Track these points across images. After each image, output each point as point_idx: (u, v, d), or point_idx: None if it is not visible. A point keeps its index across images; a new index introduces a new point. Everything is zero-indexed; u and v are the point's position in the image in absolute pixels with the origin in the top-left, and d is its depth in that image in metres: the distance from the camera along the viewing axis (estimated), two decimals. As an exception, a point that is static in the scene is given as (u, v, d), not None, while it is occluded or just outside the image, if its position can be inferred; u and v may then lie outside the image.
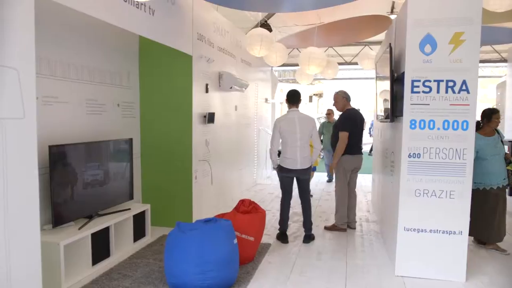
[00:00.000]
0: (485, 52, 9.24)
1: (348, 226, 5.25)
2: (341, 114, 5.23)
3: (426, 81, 3.57)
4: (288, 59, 9.85)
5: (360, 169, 5.33)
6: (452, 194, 3.60)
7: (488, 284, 3.67)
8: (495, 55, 9.33)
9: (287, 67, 10.81)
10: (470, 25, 3.49)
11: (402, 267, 3.78)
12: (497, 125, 4.49)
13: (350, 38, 8.13)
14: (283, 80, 18.05)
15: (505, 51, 9.01)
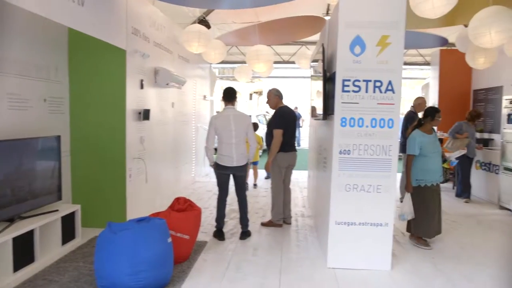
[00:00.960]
0: (412, 55, 9.87)
1: (284, 222, 5.37)
2: (274, 112, 5.32)
3: (356, 81, 3.74)
4: (227, 57, 9.87)
5: (296, 166, 5.46)
6: (379, 188, 3.81)
7: (411, 271, 3.93)
8: (420, 59, 9.99)
9: (227, 64, 10.79)
10: (396, 29, 3.70)
11: (334, 259, 3.93)
12: (438, 123, 4.69)
13: (287, 38, 8.30)
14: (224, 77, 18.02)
15: (429, 55, 9.69)
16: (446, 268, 3.98)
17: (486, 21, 4.53)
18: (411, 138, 4.53)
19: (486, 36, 4.56)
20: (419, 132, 4.56)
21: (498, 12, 4.49)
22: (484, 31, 4.54)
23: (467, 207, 6.66)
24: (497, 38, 4.51)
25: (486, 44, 4.68)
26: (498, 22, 4.45)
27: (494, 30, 4.50)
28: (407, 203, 4.49)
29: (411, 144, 4.50)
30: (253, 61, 6.78)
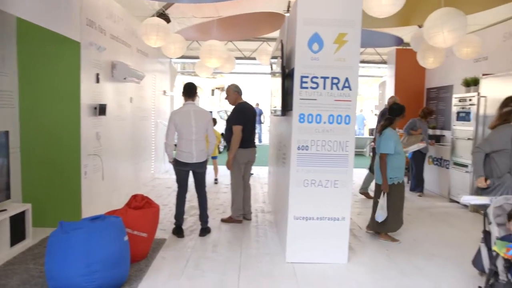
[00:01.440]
0: (369, 54, 10.13)
1: (244, 218, 5.38)
2: (233, 108, 5.30)
3: (314, 78, 3.78)
4: (188, 52, 9.71)
5: (258, 162, 5.48)
6: (336, 183, 3.89)
7: (367, 263, 4.05)
8: (377, 57, 10.27)
9: (188, 59, 10.64)
10: (352, 27, 3.78)
11: (292, 254, 3.98)
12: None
13: (248, 34, 8.28)
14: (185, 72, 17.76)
15: (385, 54, 9.98)
16: (400, 260, 4.13)
17: (439, 21, 4.70)
18: (388, 137, 4.53)
19: (440, 36, 4.73)
20: (393, 131, 4.63)
21: (450, 13, 4.67)
22: (438, 31, 4.71)
23: (420, 201, 6.94)
24: (449, 38, 4.69)
25: (440, 44, 4.85)
26: (450, 22, 4.62)
27: (446, 30, 4.67)
28: (385, 203, 4.54)
29: (388, 143, 4.50)
30: (205, 56, 6.71)
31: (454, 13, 4.67)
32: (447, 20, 4.66)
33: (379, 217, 4.56)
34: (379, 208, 4.55)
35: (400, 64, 9.05)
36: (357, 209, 6.25)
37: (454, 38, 4.75)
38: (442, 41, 4.76)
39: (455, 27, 4.64)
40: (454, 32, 4.67)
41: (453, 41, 4.82)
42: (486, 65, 6.78)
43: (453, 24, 4.64)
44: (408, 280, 3.66)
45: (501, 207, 3.06)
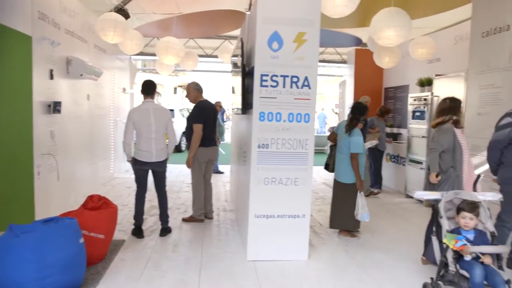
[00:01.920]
0: (330, 53, 10.32)
1: (206, 217, 5.34)
2: (194, 106, 5.24)
3: (273, 76, 3.80)
4: (148, 49, 9.53)
5: (222, 160, 5.44)
6: (296, 181, 3.92)
7: (327, 260, 4.12)
8: (338, 57, 10.49)
9: (148, 56, 10.42)
10: (311, 27, 3.82)
11: (253, 252, 3.98)
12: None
13: (209, 31, 8.22)
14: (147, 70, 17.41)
15: (345, 53, 10.20)
16: (358, 255, 4.23)
17: (384, 21, 4.80)
18: (360, 137, 4.62)
19: (385, 34, 4.83)
20: (359, 131, 4.72)
21: (395, 12, 4.78)
22: (383, 29, 4.81)
23: (378, 197, 7.14)
24: (394, 36, 4.80)
25: (386, 42, 4.97)
26: (394, 21, 4.73)
27: (391, 29, 4.78)
28: (364, 201, 4.57)
29: (360, 143, 4.59)
30: (162, 53, 6.60)
31: (399, 13, 4.77)
32: (393, 20, 4.76)
33: (364, 217, 4.55)
34: (360, 207, 4.54)
35: (359, 64, 9.28)
36: (317, 206, 6.35)
37: (399, 38, 4.85)
38: (388, 41, 4.87)
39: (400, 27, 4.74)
40: (398, 32, 4.76)
41: (399, 41, 4.93)
42: (439, 66, 7.07)
43: (398, 25, 4.74)
44: (366, 274, 3.76)
45: (451, 202, 3.20)
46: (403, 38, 4.91)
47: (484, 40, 5.13)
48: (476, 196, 3.17)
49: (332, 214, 4.86)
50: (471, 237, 2.97)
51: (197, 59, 8.62)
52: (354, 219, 4.63)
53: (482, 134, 5.08)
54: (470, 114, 5.36)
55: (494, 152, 3.76)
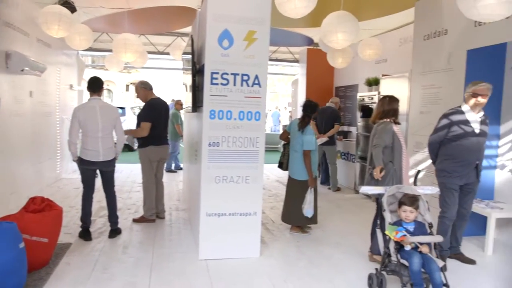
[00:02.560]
0: (283, 52, 10.46)
1: (157, 217, 5.24)
2: (144, 104, 5.14)
3: (224, 74, 3.79)
4: (97, 44, 9.21)
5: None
6: (247, 179, 3.95)
7: (278, 256, 4.18)
8: (290, 56, 10.64)
9: (97, 52, 10.06)
10: (262, 25, 3.85)
11: (205, 251, 3.96)
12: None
13: (161, 28, 8.06)
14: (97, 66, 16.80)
15: (297, 53, 10.36)
16: (309, 251, 4.33)
17: (333, 23, 4.93)
18: (312, 134, 4.71)
19: (334, 37, 4.98)
20: (311, 129, 4.82)
21: (343, 16, 4.92)
22: (332, 32, 4.95)
23: (329, 194, 7.34)
24: (342, 39, 4.96)
25: (334, 44, 5.11)
26: (343, 25, 4.88)
27: (340, 32, 4.93)
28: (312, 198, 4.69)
29: (313, 140, 4.69)
30: (120, 51, 6.43)
31: (347, 17, 4.93)
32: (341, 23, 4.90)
33: (308, 212, 4.68)
34: (307, 203, 4.66)
35: (311, 63, 9.45)
36: (270, 203, 6.43)
37: (347, 40, 5.02)
38: (336, 43, 5.02)
39: (348, 31, 4.90)
40: (347, 35, 4.92)
41: (347, 43, 5.09)
42: (386, 67, 7.36)
43: (346, 28, 4.89)
44: (316, 269, 3.85)
45: (394, 196, 3.36)
46: (350, 42, 5.08)
47: (426, 43, 5.40)
48: (416, 190, 3.34)
49: (285, 210, 4.93)
50: (412, 229, 3.13)
51: (146, 56, 8.43)
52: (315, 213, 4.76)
53: (425, 132, 5.34)
54: (413, 113, 5.63)
55: (433, 146, 4.07)
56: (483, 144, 3.93)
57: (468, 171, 3.87)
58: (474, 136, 3.82)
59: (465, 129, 3.82)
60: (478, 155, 3.89)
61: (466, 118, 3.84)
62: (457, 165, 3.86)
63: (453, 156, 3.90)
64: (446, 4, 5.01)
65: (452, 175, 3.88)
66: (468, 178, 3.89)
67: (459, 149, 3.86)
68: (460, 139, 3.84)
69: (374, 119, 4.06)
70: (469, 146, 3.83)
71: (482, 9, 3.23)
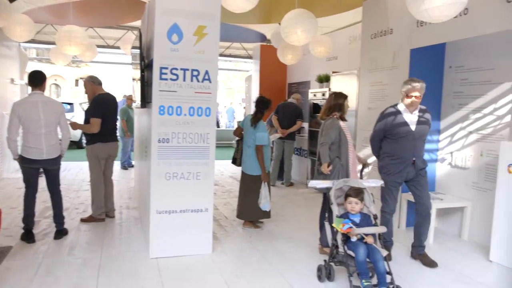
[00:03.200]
0: (236, 48, 10.45)
1: (107, 215, 5.09)
2: (92, 99, 4.96)
3: (173, 69, 3.73)
4: (41, 36, 8.75)
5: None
6: (198, 175, 3.92)
7: (231, 252, 4.19)
8: (244, 52, 10.65)
9: (42, 44, 9.55)
10: (212, 21, 3.82)
11: (156, 249, 3.90)
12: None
13: (110, 21, 7.79)
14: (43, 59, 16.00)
15: (251, 49, 10.39)
16: (261, 246, 4.37)
17: (293, 22, 5.04)
18: (263, 129, 4.75)
19: (294, 35, 5.09)
20: (264, 124, 4.85)
21: (303, 14, 5.04)
22: (292, 30, 5.05)
23: (283, 189, 7.44)
24: (303, 37, 5.07)
25: (295, 42, 5.22)
26: (303, 23, 4.99)
27: (300, 30, 5.04)
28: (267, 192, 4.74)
29: (264, 135, 4.72)
30: (64, 43, 6.14)
31: (307, 14, 5.06)
32: (301, 21, 5.02)
33: (265, 206, 4.73)
34: (262, 197, 4.71)
35: (264, 59, 9.51)
36: (224, 199, 6.42)
37: (307, 37, 5.15)
38: (297, 40, 5.13)
39: (308, 28, 5.03)
40: (307, 32, 5.05)
41: (307, 40, 5.22)
42: (336, 64, 7.55)
43: (306, 25, 5.02)
44: (268, 263, 3.89)
45: (341, 189, 3.46)
46: (310, 39, 5.20)
47: (373, 41, 5.59)
48: (362, 183, 3.47)
49: (240, 205, 4.95)
50: (358, 220, 3.25)
51: (95, 49, 8.12)
52: (261, 209, 4.79)
53: (372, 127, 5.55)
54: (362, 109, 5.82)
55: (373, 144, 4.14)
56: (420, 141, 3.89)
57: (405, 168, 3.86)
58: (410, 133, 3.82)
59: (401, 127, 3.82)
60: (413, 152, 3.85)
61: (402, 116, 3.84)
62: (393, 162, 3.89)
63: (390, 153, 3.94)
64: (392, 4, 5.21)
65: (391, 172, 3.91)
66: (407, 175, 3.90)
67: (395, 147, 3.89)
68: (396, 137, 3.86)
69: (322, 115, 4.15)
70: (404, 143, 3.83)
71: (431, 11, 3.40)
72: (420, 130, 3.85)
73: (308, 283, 3.46)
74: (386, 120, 3.93)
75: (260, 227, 4.96)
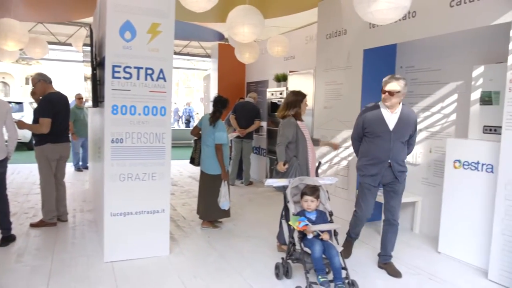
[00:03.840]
0: (194, 47, 10.34)
1: (59, 219, 4.88)
2: (42, 98, 4.74)
3: (126, 67, 3.63)
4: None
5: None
6: (154, 176, 3.84)
7: (189, 252, 4.14)
8: (202, 51, 10.57)
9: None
10: (166, 18, 3.75)
11: (111, 252, 3.78)
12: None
13: (59, 16, 7.46)
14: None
15: (209, 48, 10.32)
16: (220, 245, 4.35)
17: (238, 17, 5.00)
18: (222, 128, 4.72)
19: (240, 30, 5.05)
20: (223, 123, 4.82)
21: (248, 10, 5.02)
22: (238, 26, 5.01)
23: (242, 188, 7.44)
24: (248, 32, 5.04)
25: (240, 38, 5.17)
26: (248, 18, 4.97)
27: (246, 26, 5.01)
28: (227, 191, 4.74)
29: (223, 134, 4.71)
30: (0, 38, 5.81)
31: (252, 11, 5.03)
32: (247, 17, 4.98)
33: (225, 205, 4.73)
34: (222, 196, 4.70)
35: (222, 58, 9.48)
36: (182, 200, 6.34)
37: (253, 34, 5.11)
38: (242, 37, 5.10)
39: (253, 25, 5.00)
40: (252, 29, 5.02)
41: (252, 37, 5.18)
42: (294, 63, 7.66)
43: (252, 22, 4.98)
44: (226, 263, 3.88)
45: (297, 187, 3.51)
46: (256, 35, 5.17)
47: (328, 42, 5.71)
48: (317, 180, 3.53)
49: (200, 205, 4.92)
50: (314, 218, 3.30)
51: (46, 46, 7.77)
52: (218, 208, 4.79)
53: (328, 126, 5.68)
54: (318, 108, 5.93)
55: (353, 142, 3.94)
56: (398, 142, 3.57)
57: (380, 170, 3.59)
58: (387, 133, 3.53)
59: (378, 125, 3.57)
60: (390, 154, 3.55)
61: (381, 114, 3.58)
62: (368, 163, 3.65)
63: (366, 154, 3.70)
64: (345, 6, 5.34)
65: (365, 174, 3.68)
66: (383, 178, 3.63)
67: (371, 147, 3.65)
68: (373, 136, 3.62)
69: (280, 113, 4.19)
70: (381, 144, 3.56)
71: (376, 14, 3.50)
72: (399, 130, 3.55)
73: (266, 281, 3.48)
74: (364, 115, 3.70)
75: (218, 226, 4.94)
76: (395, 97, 3.48)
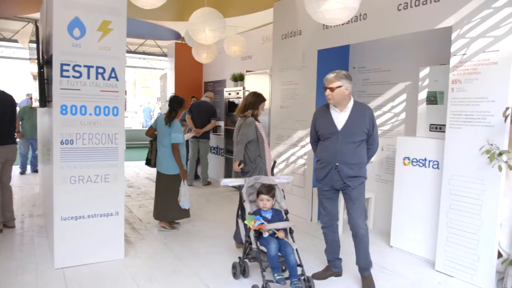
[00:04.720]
0: (150, 46, 10.14)
1: (5, 226, 4.63)
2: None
3: (76, 66, 3.50)
4: None
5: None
6: (107, 178, 3.73)
7: (145, 255, 4.06)
8: (158, 50, 10.38)
9: None
10: (117, 16, 3.65)
11: (62, 258, 3.63)
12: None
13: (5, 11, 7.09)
14: None
15: (166, 47, 10.15)
16: (176, 246, 4.30)
17: (201, 20, 5.01)
18: (179, 128, 4.69)
19: (202, 34, 5.06)
20: (179, 123, 4.79)
21: (211, 13, 5.04)
22: (200, 29, 5.02)
23: (200, 188, 7.39)
24: (210, 36, 5.06)
25: (202, 41, 5.19)
26: (211, 22, 4.99)
27: (208, 29, 5.03)
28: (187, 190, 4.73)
29: (180, 134, 4.69)
30: None
31: (214, 14, 5.06)
32: (209, 20, 5.01)
33: (185, 204, 4.72)
34: (182, 195, 4.69)
35: (179, 57, 9.36)
36: (139, 201, 6.21)
37: (215, 37, 5.15)
38: (204, 39, 5.11)
39: (215, 27, 5.02)
40: (214, 32, 5.05)
41: (214, 39, 5.22)
42: (251, 63, 7.69)
43: (214, 24, 5.01)
44: (183, 264, 3.84)
45: (253, 186, 3.53)
46: (218, 38, 5.20)
47: (283, 42, 5.78)
48: (273, 179, 3.57)
49: (158, 207, 4.84)
50: (269, 216, 3.33)
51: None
52: (180, 208, 4.75)
53: (285, 125, 5.75)
54: (275, 107, 5.99)
55: (312, 148, 3.70)
56: (348, 143, 3.25)
57: (328, 174, 3.31)
58: (335, 134, 3.27)
59: (327, 127, 3.34)
60: (337, 156, 3.25)
61: (330, 114, 3.34)
62: (318, 167, 3.42)
63: (318, 157, 3.48)
64: (300, 7, 5.42)
65: (317, 177, 3.44)
66: (333, 183, 3.31)
67: (321, 149, 3.42)
68: (323, 138, 3.39)
69: (238, 112, 4.21)
70: (329, 145, 3.30)
71: (325, 13, 3.56)
72: (349, 131, 3.25)
73: (223, 281, 3.47)
74: (316, 116, 3.50)
75: (176, 228, 4.88)
76: (337, 93, 3.20)
